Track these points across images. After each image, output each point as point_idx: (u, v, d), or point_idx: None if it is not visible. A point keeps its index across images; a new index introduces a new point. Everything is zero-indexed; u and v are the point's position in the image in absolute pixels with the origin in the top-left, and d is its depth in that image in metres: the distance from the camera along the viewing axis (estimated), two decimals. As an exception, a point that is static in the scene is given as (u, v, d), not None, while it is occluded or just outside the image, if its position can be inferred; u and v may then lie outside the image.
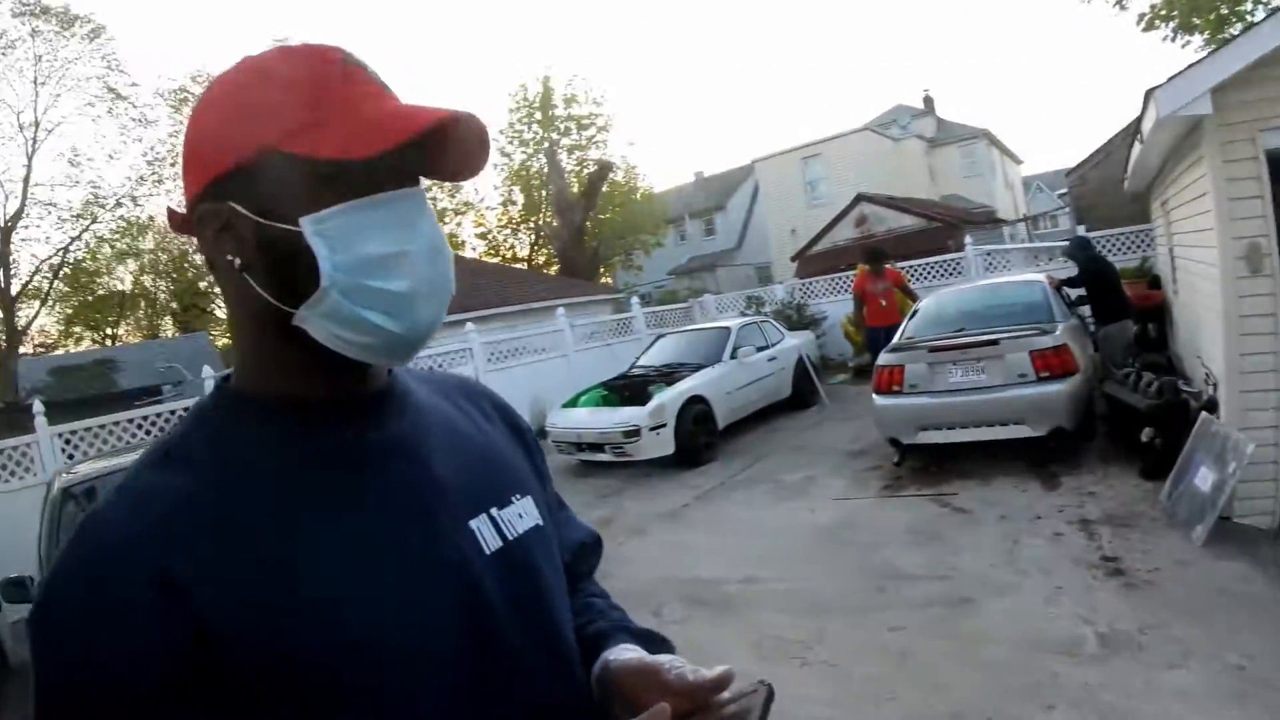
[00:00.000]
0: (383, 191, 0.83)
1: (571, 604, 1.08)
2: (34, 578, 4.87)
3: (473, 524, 0.94)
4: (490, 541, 0.94)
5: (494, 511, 0.97)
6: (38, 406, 9.87)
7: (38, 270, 31.83)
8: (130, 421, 10.40)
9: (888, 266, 12.08)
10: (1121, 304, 9.01)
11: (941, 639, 4.45)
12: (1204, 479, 5.18)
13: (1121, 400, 7.12)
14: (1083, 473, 6.89)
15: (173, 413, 10.91)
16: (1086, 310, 9.31)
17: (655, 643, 1.07)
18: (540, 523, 1.04)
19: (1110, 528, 5.58)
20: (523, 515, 1.01)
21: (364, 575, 0.82)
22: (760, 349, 12.08)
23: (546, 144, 31.81)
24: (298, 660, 0.76)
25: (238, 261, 0.83)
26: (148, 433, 10.35)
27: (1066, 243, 11.45)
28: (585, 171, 31.87)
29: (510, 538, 0.97)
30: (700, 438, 10.24)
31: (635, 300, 18.43)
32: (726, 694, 0.88)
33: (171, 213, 0.91)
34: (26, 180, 28.96)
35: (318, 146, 0.80)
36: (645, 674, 0.95)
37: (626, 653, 1.02)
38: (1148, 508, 5.77)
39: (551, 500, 1.16)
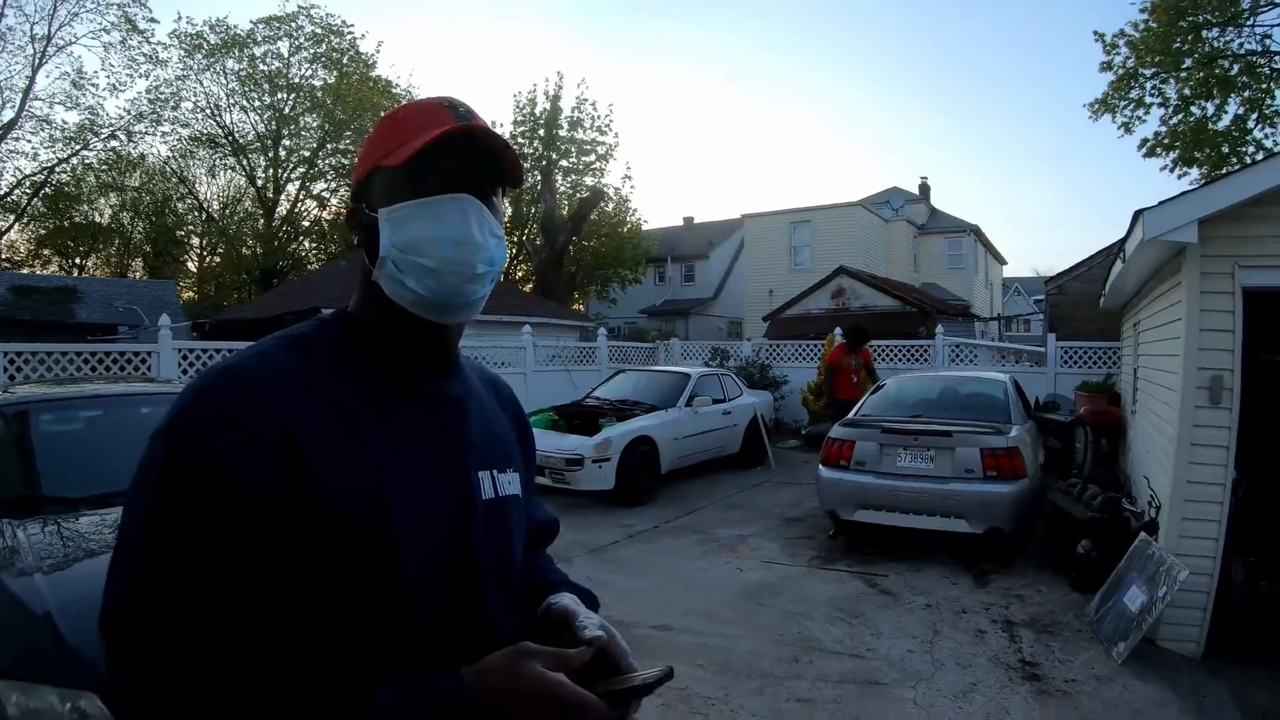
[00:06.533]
0: (436, 195, 1.14)
1: (533, 561, 1.48)
2: None
3: (480, 473, 1.26)
4: (486, 490, 1.25)
5: (494, 472, 1.29)
6: None
7: (19, 184, 31.21)
8: (78, 355, 10.05)
9: (863, 346, 12.14)
10: None
11: (847, 718, 4.34)
12: (1133, 598, 5.14)
13: (1064, 509, 7.10)
14: (1014, 574, 6.86)
15: (122, 354, 10.54)
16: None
17: (587, 597, 1.42)
18: (519, 494, 1.36)
19: (1033, 632, 5.53)
20: (510, 484, 1.33)
21: (408, 473, 1.14)
22: (717, 401, 12.10)
23: (544, 162, 31.71)
24: (351, 511, 1.05)
25: (356, 239, 1.23)
26: (93, 369, 10.02)
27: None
28: (577, 195, 31.89)
29: (499, 495, 1.28)
30: (641, 478, 10.19)
31: (603, 332, 18.40)
32: (640, 672, 1.18)
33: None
34: (26, 92, 28.54)
35: (390, 161, 1.15)
36: (565, 619, 1.27)
37: (565, 599, 1.34)
38: (1073, 618, 5.73)
39: (531, 486, 1.49)
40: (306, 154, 37.22)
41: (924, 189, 37.95)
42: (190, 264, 42.49)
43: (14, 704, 2.85)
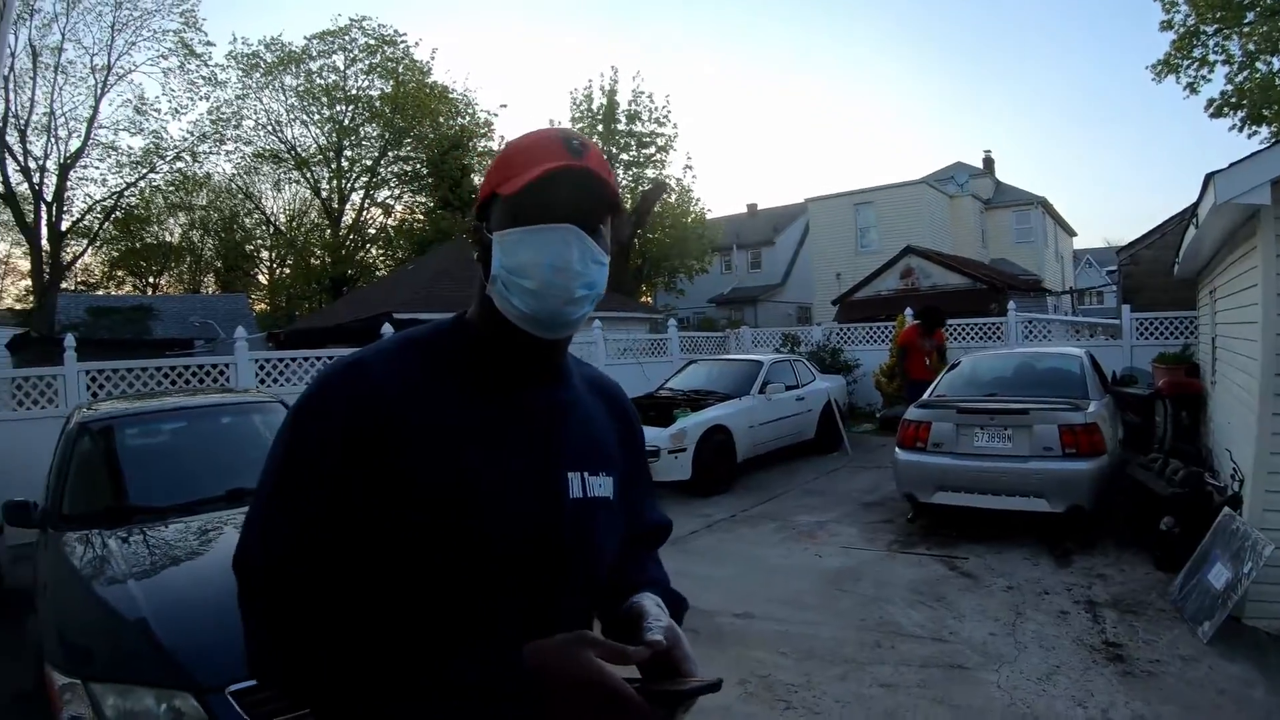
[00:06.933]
0: (543, 224, 1.26)
1: (634, 561, 1.55)
2: (38, 504, 4.72)
3: (570, 474, 1.35)
4: (575, 490, 1.35)
5: (584, 474, 1.38)
6: (69, 341, 10.01)
7: (90, 210, 32.17)
8: (158, 370, 10.48)
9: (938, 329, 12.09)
10: None
11: (930, 703, 4.38)
12: (1218, 575, 5.08)
13: (1145, 485, 7.01)
14: (1096, 554, 6.79)
15: (200, 367, 10.96)
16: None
17: (675, 601, 1.51)
18: (611, 497, 1.43)
19: (1117, 612, 5.49)
20: (601, 486, 1.41)
21: (499, 470, 1.26)
22: (789, 388, 12.11)
23: (605, 156, 31.69)
24: (439, 501, 1.20)
25: (475, 254, 1.35)
26: (173, 382, 10.40)
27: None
28: (639, 189, 31.75)
29: (588, 495, 1.37)
30: (718, 468, 10.27)
31: (673, 323, 18.45)
32: (696, 677, 1.22)
33: None
34: (91, 121, 29.43)
35: (505, 189, 1.27)
36: (638, 619, 1.33)
37: (645, 600, 1.39)
38: (1157, 597, 5.67)
39: (643, 485, 1.64)
40: (368, 163, 37.84)
41: (988, 162, 37.14)
42: (261, 277, 43.48)
43: (110, 706, 2.96)
